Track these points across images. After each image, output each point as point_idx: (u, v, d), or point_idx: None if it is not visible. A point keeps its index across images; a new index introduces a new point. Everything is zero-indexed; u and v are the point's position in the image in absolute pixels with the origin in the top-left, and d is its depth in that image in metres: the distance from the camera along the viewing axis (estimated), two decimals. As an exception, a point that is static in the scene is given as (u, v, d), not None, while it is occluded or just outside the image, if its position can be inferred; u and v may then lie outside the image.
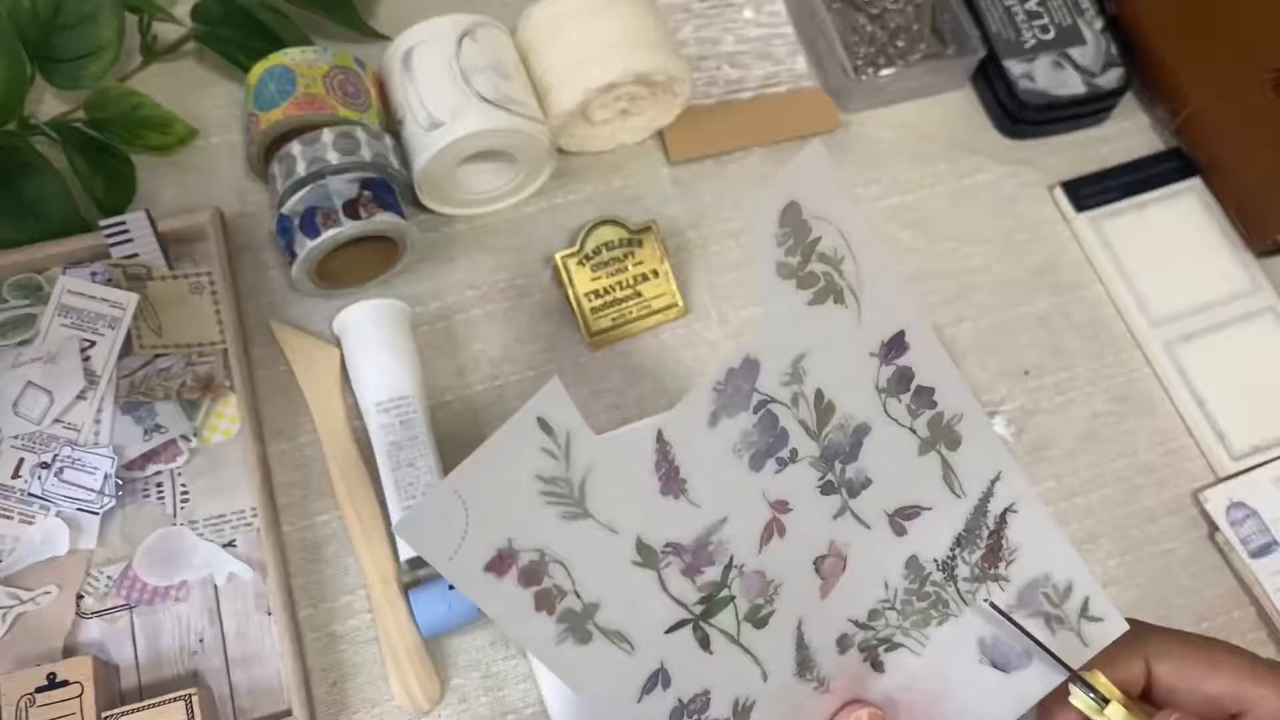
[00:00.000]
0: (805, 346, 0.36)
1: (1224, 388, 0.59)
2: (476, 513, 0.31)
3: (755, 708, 0.37)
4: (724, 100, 0.63)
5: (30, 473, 0.49)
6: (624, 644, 0.34)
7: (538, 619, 0.33)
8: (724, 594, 0.36)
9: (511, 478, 0.32)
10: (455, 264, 0.58)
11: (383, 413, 0.51)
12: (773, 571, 0.37)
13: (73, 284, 0.51)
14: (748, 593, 0.37)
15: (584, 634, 0.33)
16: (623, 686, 0.34)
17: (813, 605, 0.38)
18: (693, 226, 0.60)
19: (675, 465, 0.35)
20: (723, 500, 0.36)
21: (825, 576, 0.38)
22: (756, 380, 0.36)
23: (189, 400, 0.51)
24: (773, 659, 0.37)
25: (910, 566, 0.39)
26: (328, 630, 0.49)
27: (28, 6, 0.53)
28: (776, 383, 0.36)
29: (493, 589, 0.32)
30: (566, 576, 0.33)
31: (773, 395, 0.36)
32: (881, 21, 0.65)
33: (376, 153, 0.52)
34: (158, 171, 0.58)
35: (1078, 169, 0.65)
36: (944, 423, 0.39)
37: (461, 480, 0.31)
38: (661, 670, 0.35)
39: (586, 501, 0.33)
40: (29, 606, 0.47)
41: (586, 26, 0.55)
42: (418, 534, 0.31)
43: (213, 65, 0.61)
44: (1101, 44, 0.65)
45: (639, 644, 0.34)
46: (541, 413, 0.32)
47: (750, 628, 0.37)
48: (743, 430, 0.36)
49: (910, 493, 0.39)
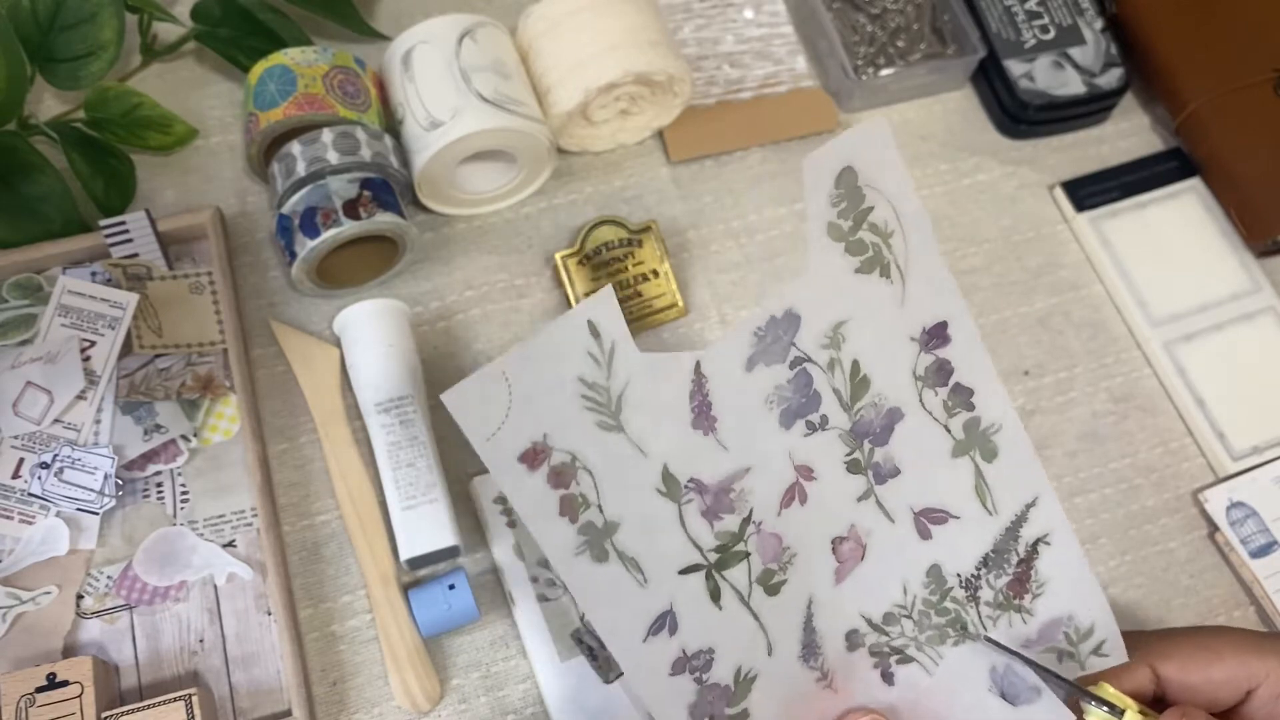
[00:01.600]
0: (847, 313, 0.36)
1: (1224, 388, 0.59)
2: (519, 399, 0.31)
3: (757, 682, 0.37)
4: (724, 100, 0.63)
5: (30, 473, 0.49)
6: (638, 573, 0.34)
7: (560, 524, 0.33)
8: (739, 548, 0.36)
9: (556, 374, 0.32)
10: (455, 264, 0.58)
11: (382, 413, 0.51)
12: (790, 538, 0.37)
13: (73, 284, 0.51)
14: (763, 553, 0.36)
15: (601, 552, 0.33)
16: (632, 620, 0.34)
17: (826, 587, 0.38)
18: (693, 226, 0.60)
19: (708, 400, 0.35)
20: (749, 449, 0.36)
21: (842, 560, 0.38)
22: (796, 335, 0.36)
23: (189, 400, 0.51)
24: (780, 634, 0.37)
25: (932, 575, 0.39)
26: (327, 630, 0.49)
27: (27, 6, 0.53)
28: (815, 343, 0.36)
29: (523, 481, 0.32)
30: (593, 488, 0.33)
31: (810, 355, 0.36)
32: (881, 21, 0.65)
33: (376, 152, 0.52)
34: (157, 171, 0.58)
35: (1078, 169, 0.65)
36: (980, 429, 0.38)
37: (510, 365, 0.31)
38: (671, 613, 0.35)
39: (622, 414, 0.33)
40: (29, 606, 0.47)
41: (586, 26, 0.55)
42: (463, 407, 0.31)
43: (212, 65, 0.61)
44: (1101, 44, 0.65)
45: (652, 578, 0.34)
46: (593, 316, 0.32)
47: (761, 592, 0.37)
48: (777, 383, 0.36)
49: (939, 495, 0.39)
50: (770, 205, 0.62)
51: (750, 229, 0.61)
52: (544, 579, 0.50)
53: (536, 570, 0.50)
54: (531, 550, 0.51)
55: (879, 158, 0.36)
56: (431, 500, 0.49)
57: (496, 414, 0.31)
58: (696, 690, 0.36)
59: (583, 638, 0.49)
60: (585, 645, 0.49)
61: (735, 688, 0.36)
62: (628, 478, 0.34)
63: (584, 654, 0.49)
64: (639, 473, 0.34)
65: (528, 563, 0.50)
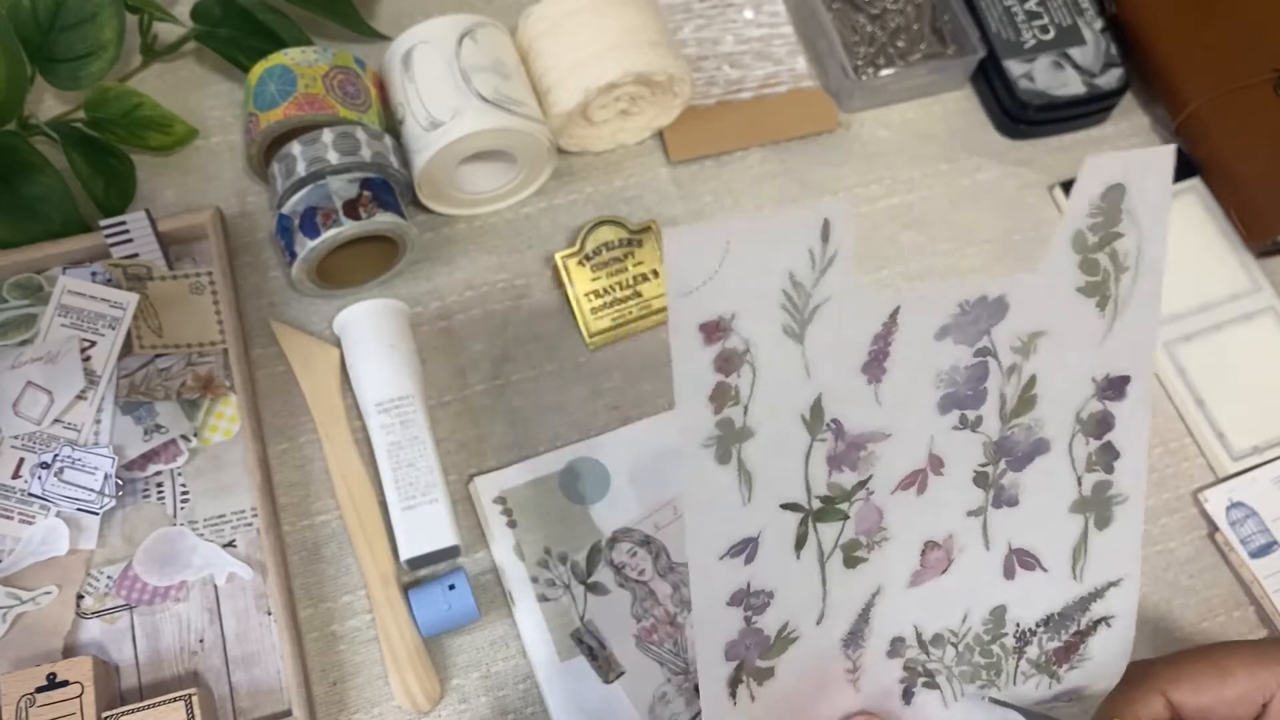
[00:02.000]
0: (1050, 326, 0.35)
1: (1224, 388, 0.59)
2: (729, 267, 0.30)
3: (795, 645, 0.36)
4: (724, 100, 0.63)
5: (30, 473, 0.49)
6: (746, 489, 0.33)
7: (704, 409, 0.32)
8: (842, 506, 0.35)
9: (770, 259, 0.31)
10: (455, 264, 0.58)
11: (383, 413, 0.51)
12: (890, 520, 0.36)
13: (73, 284, 0.51)
14: (859, 522, 0.36)
15: (725, 453, 0.32)
16: (719, 532, 0.33)
17: (898, 585, 0.37)
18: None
19: (887, 350, 0.34)
20: (898, 416, 0.35)
21: (925, 566, 0.37)
22: (996, 324, 0.34)
23: (189, 400, 0.51)
24: (836, 609, 0.36)
25: (994, 616, 0.38)
26: (328, 630, 0.49)
27: (28, 6, 0.53)
28: (1007, 342, 0.35)
29: (693, 350, 0.31)
30: (749, 386, 0.32)
31: (997, 350, 0.35)
32: (881, 21, 0.65)
33: (376, 153, 0.52)
34: (158, 171, 0.58)
35: (1077, 169, 0.65)
36: (1107, 494, 0.38)
37: (735, 231, 0.30)
38: (755, 542, 0.34)
39: (809, 326, 0.32)
40: (29, 606, 0.47)
41: (586, 26, 0.55)
42: (677, 253, 0.30)
43: (213, 65, 0.61)
44: (1101, 44, 0.65)
45: (756, 500, 0.33)
46: (830, 216, 0.31)
47: (840, 560, 0.36)
48: (954, 363, 0.34)
49: (1040, 541, 0.38)
50: (770, 205, 0.62)
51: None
52: (544, 579, 0.50)
53: (536, 570, 0.50)
54: (531, 550, 0.51)
55: (1152, 189, 0.35)
56: (432, 500, 0.49)
57: (702, 273, 0.30)
58: (741, 629, 0.35)
59: (583, 638, 0.49)
60: (585, 645, 0.49)
61: (774, 642, 0.36)
62: (783, 392, 0.33)
63: (584, 654, 0.49)
64: (794, 392, 0.33)
65: (528, 563, 0.50)
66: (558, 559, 0.51)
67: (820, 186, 0.63)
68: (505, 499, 0.52)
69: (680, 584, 0.51)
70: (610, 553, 0.51)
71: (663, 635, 0.50)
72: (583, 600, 0.50)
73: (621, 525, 0.52)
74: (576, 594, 0.50)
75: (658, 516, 0.52)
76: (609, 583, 0.50)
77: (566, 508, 0.52)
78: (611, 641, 0.49)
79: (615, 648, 0.49)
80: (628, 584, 0.50)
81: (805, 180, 0.63)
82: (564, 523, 0.51)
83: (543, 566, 0.50)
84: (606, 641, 0.49)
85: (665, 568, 0.51)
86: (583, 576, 0.51)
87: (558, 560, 0.51)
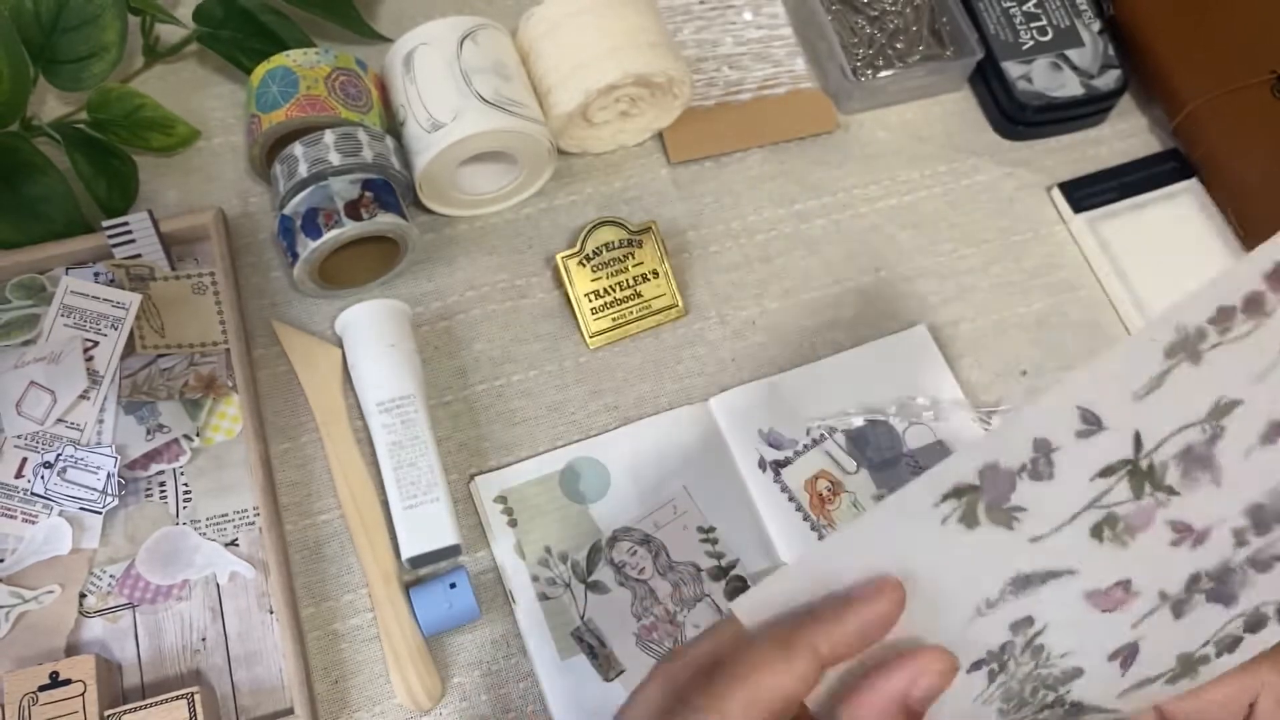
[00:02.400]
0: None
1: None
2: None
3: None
4: (723, 101, 0.64)
5: (33, 472, 0.49)
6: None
7: None
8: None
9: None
10: (456, 264, 0.58)
11: (384, 412, 0.51)
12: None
13: (75, 284, 0.51)
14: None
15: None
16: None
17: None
18: (692, 227, 0.61)
19: None
20: None
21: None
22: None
23: (191, 400, 0.51)
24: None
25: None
26: (329, 629, 0.50)
27: (31, 8, 0.53)
28: None
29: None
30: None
31: None
32: (880, 23, 0.65)
33: (378, 154, 0.53)
34: (160, 172, 0.58)
35: (1075, 170, 0.65)
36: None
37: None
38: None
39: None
40: (32, 605, 0.47)
41: (587, 28, 0.56)
42: None
43: (215, 67, 0.61)
44: (1099, 45, 0.65)
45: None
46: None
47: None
48: None
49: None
50: (769, 206, 0.62)
51: (750, 230, 0.61)
52: (544, 578, 0.50)
53: (537, 569, 0.51)
54: (532, 549, 0.51)
55: None
56: (433, 499, 0.50)
57: None
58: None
59: (583, 636, 0.49)
60: (586, 643, 0.49)
61: None
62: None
63: (584, 652, 0.49)
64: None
65: (528, 561, 0.51)
66: (558, 558, 0.51)
67: (819, 187, 0.63)
68: (506, 498, 0.52)
69: (680, 583, 0.51)
70: (610, 552, 0.51)
71: (663, 634, 0.50)
72: (583, 599, 0.50)
73: (621, 524, 0.52)
74: (577, 593, 0.50)
75: (657, 515, 0.52)
76: (609, 581, 0.51)
77: (567, 507, 0.52)
78: (612, 640, 0.49)
79: (615, 646, 0.49)
80: (628, 583, 0.51)
81: (804, 181, 0.63)
82: (564, 522, 0.52)
83: (543, 565, 0.51)
84: (607, 640, 0.49)
85: (665, 566, 0.51)
86: (583, 575, 0.51)
87: (558, 559, 0.51)
